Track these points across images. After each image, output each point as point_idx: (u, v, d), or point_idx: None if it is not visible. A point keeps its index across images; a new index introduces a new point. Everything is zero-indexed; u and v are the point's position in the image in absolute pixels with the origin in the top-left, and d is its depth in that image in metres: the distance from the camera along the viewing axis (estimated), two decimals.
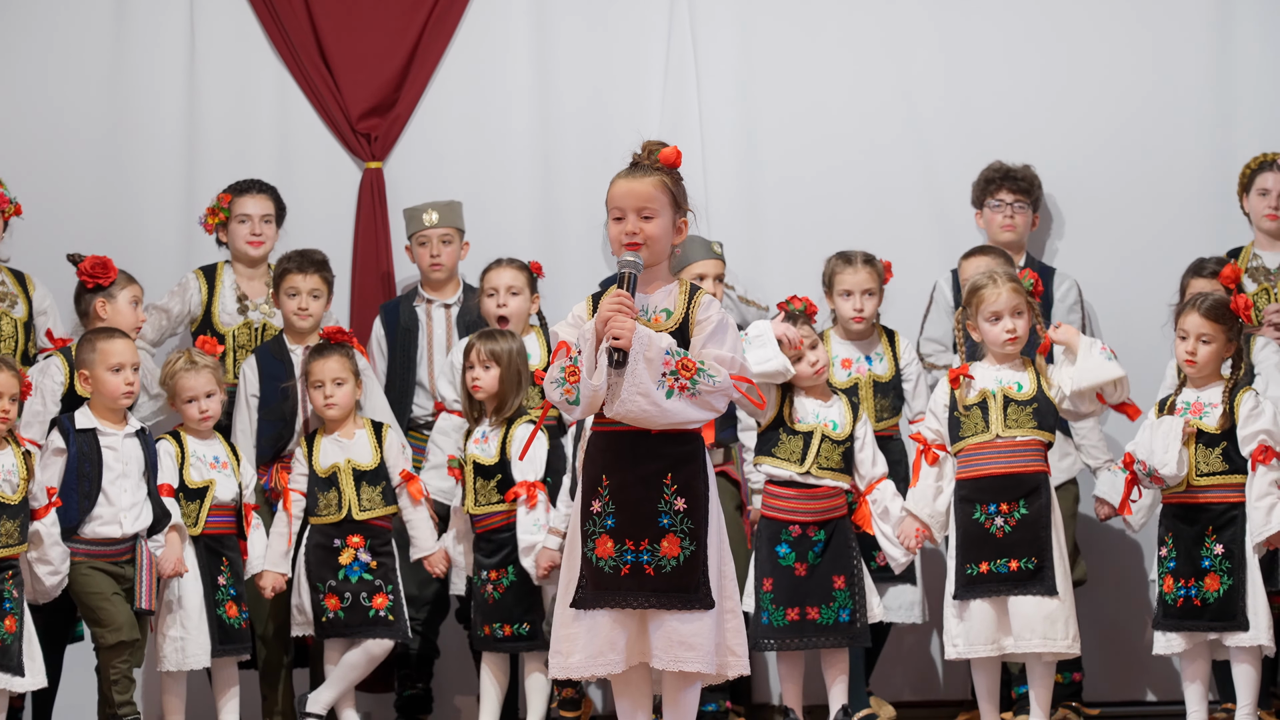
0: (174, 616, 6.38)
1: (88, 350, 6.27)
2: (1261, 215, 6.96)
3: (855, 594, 6.28)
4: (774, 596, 6.26)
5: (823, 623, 6.25)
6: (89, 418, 6.25)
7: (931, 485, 6.21)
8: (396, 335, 7.19)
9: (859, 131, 7.58)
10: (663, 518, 4.74)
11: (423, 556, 6.67)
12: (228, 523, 6.55)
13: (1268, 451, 5.96)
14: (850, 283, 6.82)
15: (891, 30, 7.60)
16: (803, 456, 6.32)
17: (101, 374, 6.23)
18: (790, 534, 6.30)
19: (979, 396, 6.17)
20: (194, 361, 6.53)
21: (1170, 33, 7.48)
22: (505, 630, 6.52)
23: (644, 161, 4.84)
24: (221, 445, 6.62)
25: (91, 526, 6.16)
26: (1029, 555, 6.05)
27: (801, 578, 6.27)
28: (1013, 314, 6.15)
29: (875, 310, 6.85)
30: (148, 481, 6.29)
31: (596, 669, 4.77)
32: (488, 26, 7.73)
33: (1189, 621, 6.02)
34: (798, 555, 6.29)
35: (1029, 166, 7.17)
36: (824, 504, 6.33)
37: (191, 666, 6.39)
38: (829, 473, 6.33)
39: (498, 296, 6.93)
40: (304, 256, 6.92)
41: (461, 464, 6.60)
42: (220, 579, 6.47)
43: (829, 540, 6.30)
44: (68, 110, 7.60)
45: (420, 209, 7.22)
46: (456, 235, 7.24)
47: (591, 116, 7.65)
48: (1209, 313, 6.08)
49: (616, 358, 4.65)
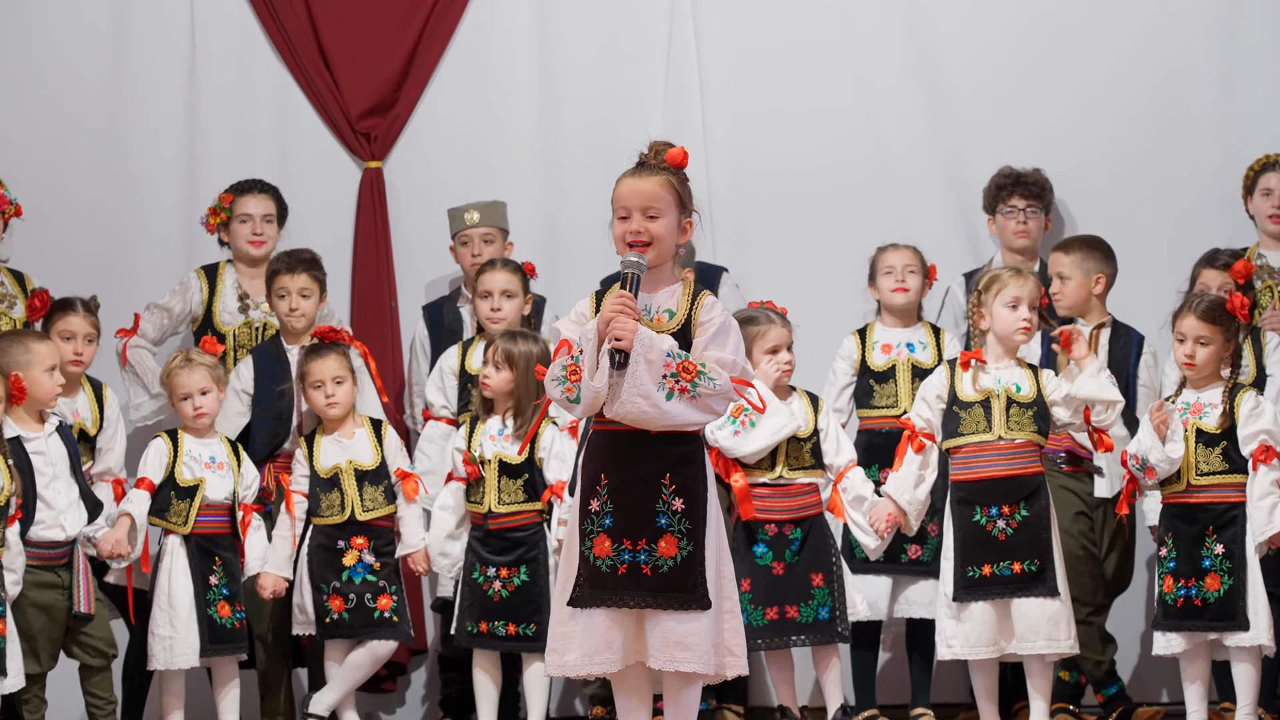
0: (163, 615, 6.36)
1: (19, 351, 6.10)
2: (1265, 216, 6.97)
3: (834, 591, 6.28)
4: (753, 596, 6.26)
5: (802, 621, 6.25)
6: (11, 426, 6.04)
7: (914, 473, 6.21)
8: (441, 336, 7.20)
9: (865, 131, 7.59)
10: (660, 518, 4.73)
11: (407, 553, 6.63)
12: (221, 523, 6.52)
13: (1268, 451, 5.96)
14: (892, 261, 6.84)
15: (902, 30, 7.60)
16: (772, 462, 6.33)
17: (37, 375, 6.09)
18: (766, 533, 6.30)
19: (982, 394, 6.18)
20: (190, 359, 6.52)
21: (1177, 34, 7.48)
22: (509, 629, 6.49)
23: (650, 161, 4.83)
24: (222, 445, 6.60)
25: (35, 530, 6.02)
26: (1031, 557, 6.07)
27: (779, 576, 6.27)
28: (1031, 306, 6.17)
29: (919, 290, 6.84)
30: (76, 479, 6.18)
31: (592, 668, 4.77)
32: (488, 26, 7.73)
33: (1189, 621, 6.02)
34: (775, 554, 6.29)
35: (1039, 170, 7.16)
36: (799, 501, 6.33)
37: (179, 665, 6.37)
38: (801, 471, 6.34)
39: (492, 299, 6.92)
40: (291, 256, 6.91)
41: (479, 461, 6.57)
42: (212, 579, 6.44)
43: (805, 538, 6.30)
44: (68, 111, 7.60)
45: (463, 209, 7.24)
46: (499, 235, 7.25)
47: (592, 116, 7.65)
48: (1205, 315, 6.09)
49: (618, 359, 4.65)
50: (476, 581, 6.55)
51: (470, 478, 6.55)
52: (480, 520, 6.56)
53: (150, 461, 6.45)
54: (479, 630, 6.52)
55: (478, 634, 6.52)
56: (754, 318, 6.38)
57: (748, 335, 6.18)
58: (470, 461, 6.54)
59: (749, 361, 6.00)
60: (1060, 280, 6.74)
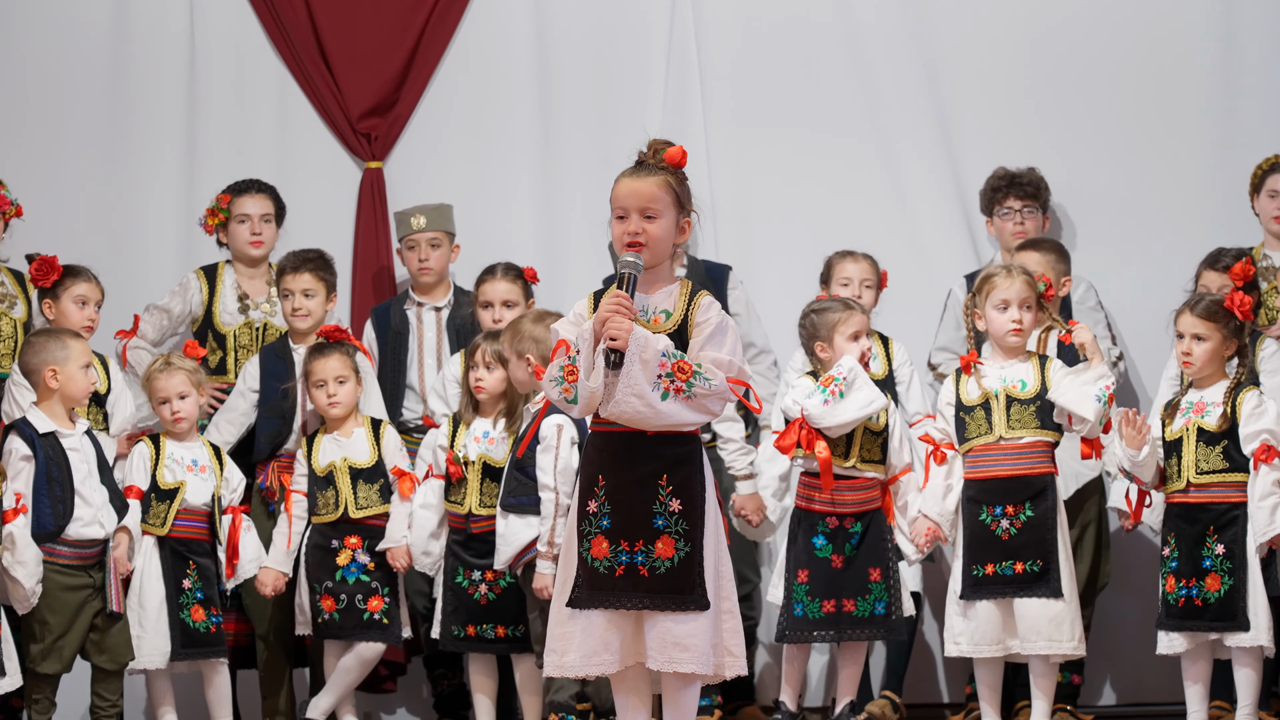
0: (132, 615, 6.35)
1: (57, 348, 6.17)
2: (1270, 217, 6.93)
3: (890, 586, 6.23)
4: (809, 588, 6.20)
5: (858, 615, 6.19)
6: (46, 421, 6.12)
7: (940, 484, 6.22)
8: (387, 338, 7.17)
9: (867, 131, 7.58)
10: (658, 519, 4.72)
11: (388, 548, 6.58)
12: (198, 528, 6.49)
13: (1269, 451, 5.95)
14: (850, 272, 6.85)
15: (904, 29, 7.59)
16: (846, 450, 6.28)
17: (72, 371, 6.15)
18: (827, 525, 6.24)
19: (981, 397, 6.18)
20: (170, 363, 6.52)
21: (1178, 34, 7.47)
22: (498, 631, 6.47)
23: (649, 161, 4.81)
24: (204, 448, 6.58)
25: (75, 528, 6.08)
26: (1035, 558, 6.08)
27: (838, 570, 6.21)
28: (1021, 306, 6.16)
29: (873, 302, 6.83)
30: (105, 480, 6.22)
31: (591, 669, 4.75)
32: (488, 26, 7.73)
33: (1190, 622, 6.01)
34: (835, 547, 6.24)
35: (1034, 170, 7.15)
36: (863, 495, 6.27)
37: (145, 666, 6.35)
38: (870, 464, 6.29)
39: (493, 310, 6.91)
40: (297, 255, 6.92)
41: (462, 461, 6.57)
42: (185, 582, 6.42)
43: (865, 532, 6.24)
44: (68, 110, 7.60)
45: (408, 213, 7.21)
46: (445, 239, 7.21)
47: (592, 116, 7.64)
48: (1202, 312, 6.08)
49: (613, 359, 4.64)
50: (460, 585, 6.51)
51: (454, 477, 6.54)
52: (461, 524, 6.52)
53: (135, 467, 6.44)
54: (466, 634, 6.49)
55: (465, 638, 6.50)
56: (829, 307, 6.35)
57: (827, 323, 6.23)
58: (454, 461, 6.53)
59: (834, 347, 6.01)
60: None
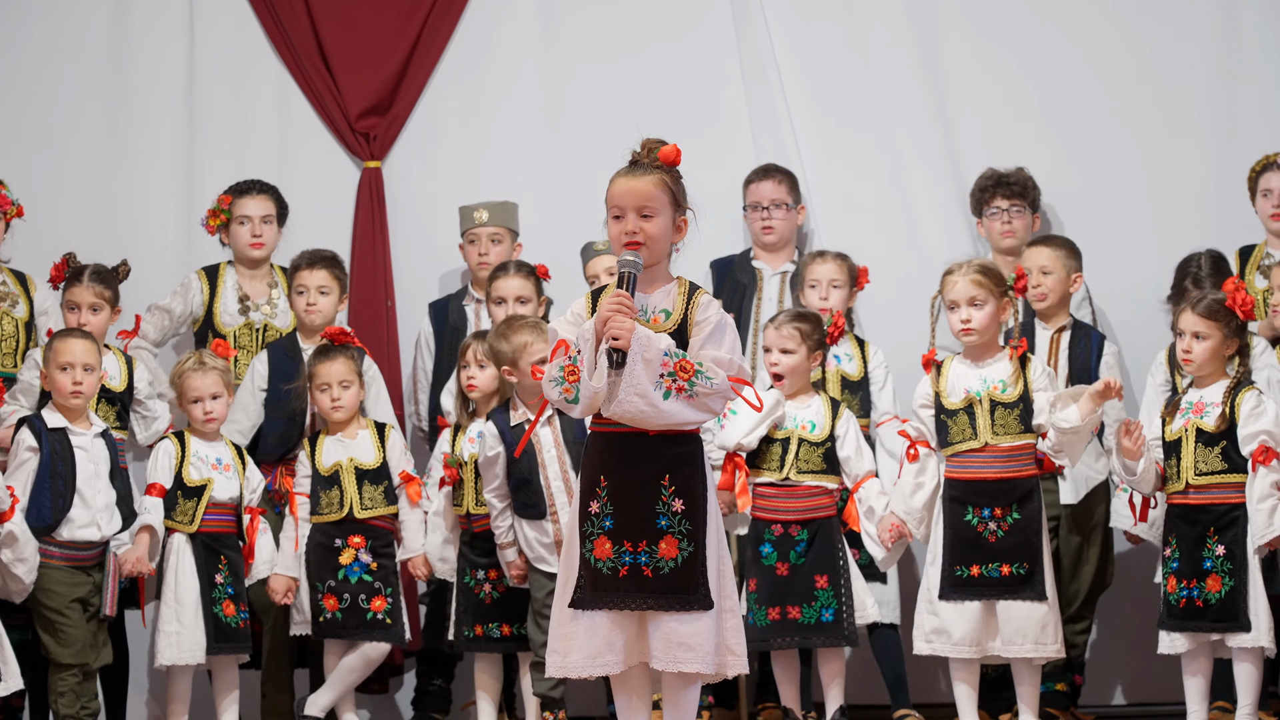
0: (169, 611, 6.37)
1: (46, 348, 6.29)
2: (1267, 216, 6.94)
3: (841, 594, 6.24)
4: (757, 596, 6.26)
5: (804, 622, 6.22)
6: (58, 417, 6.21)
7: (910, 481, 6.21)
8: (445, 334, 7.20)
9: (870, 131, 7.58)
10: (660, 519, 4.72)
11: (408, 558, 6.63)
12: (227, 522, 6.53)
13: (1268, 452, 5.94)
14: (818, 274, 6.84)
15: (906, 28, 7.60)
16: (781, 462, 6.31)
17: (51, 371, 6.21)
18: (773, 533, 6.29)
19: (965, 401, 6.17)
20: (203, 363, 6.54)
21: (1178, 35, 7.47)
22: (504, 630, 6.49)
23: (643, 160, 4.80)
24: (227, 448, 6.61)
25: (69, 529, 6.13)
26: (1020, 560, 6.08)
27: (783, 577, 6.25)
28: (968, 304, 6.15)
29: (844, 302, 6.82)
30: (115, 484, 6.26)
31: (594, 669, 4.75)
32: (487, 26, 7.73)
33: (1191, 622, 6.01)
34: (780, 555, 6.27)
35: (1022, 169, 7.15)
36: (806, 503, 6.31)
37: (186, 661, 6.37)
38: (810, 475, 6.31)
39: (507, 306, 6.91)
40: (312, 254, 6.95)
41: (458, 463, 6.57)
42: (218, 577, 6.45)
43: (812, 540, 6.27)
44: (68, 110, 7.60)
45: (472, 207, 7.24)
46: (507, 235, 7.25)
47: (592, 116, 7.64)
48: (1203, 311, 6.08)
49: (615, 358, 4.64)
50: (468, 585, 6.55)
51: (450, 480, 6.55)
52: (465, 523, 6.56)
53: (160, 465, 6.45)
54: (475, 634, 6.51)
55: (474, 638, 6.52)
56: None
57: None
58: (449, 465, 6.54)
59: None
60: (1042, 274, 6.71)
